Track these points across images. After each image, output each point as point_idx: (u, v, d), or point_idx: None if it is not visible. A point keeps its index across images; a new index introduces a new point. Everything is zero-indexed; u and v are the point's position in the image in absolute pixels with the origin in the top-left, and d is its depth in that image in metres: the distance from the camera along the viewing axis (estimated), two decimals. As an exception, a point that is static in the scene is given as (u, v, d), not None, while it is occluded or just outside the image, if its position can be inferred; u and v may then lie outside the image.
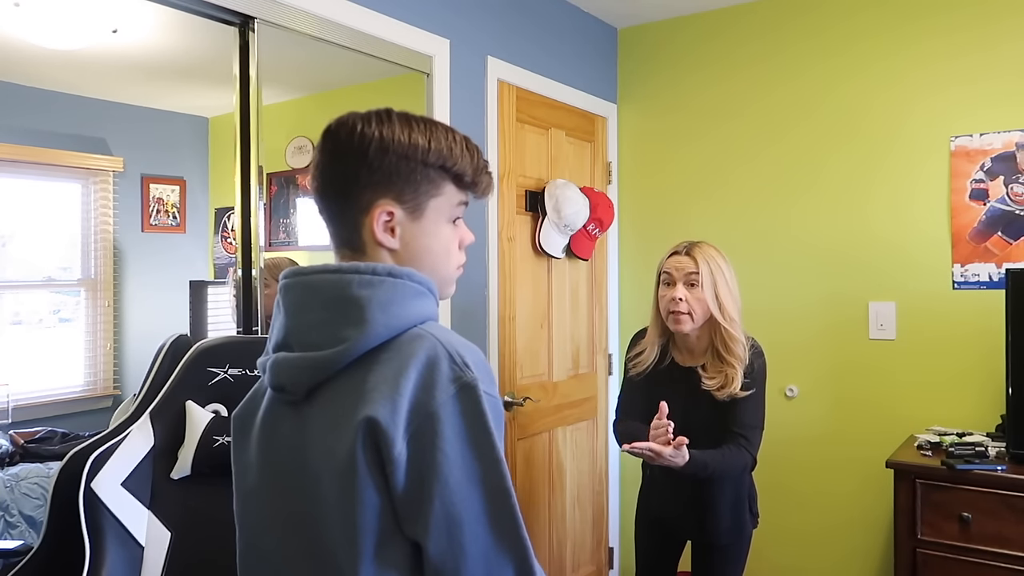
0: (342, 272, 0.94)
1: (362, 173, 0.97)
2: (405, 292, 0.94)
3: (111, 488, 1.70)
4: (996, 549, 2.31)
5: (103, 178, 2.45)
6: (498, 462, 0.88)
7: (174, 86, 2.50)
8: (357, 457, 0.87)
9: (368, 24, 2.34)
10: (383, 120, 0.98)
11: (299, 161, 2.55)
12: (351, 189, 0.97)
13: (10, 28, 2.05)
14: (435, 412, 0.87)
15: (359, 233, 0.99)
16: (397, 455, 0.86)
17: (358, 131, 0.97)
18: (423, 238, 1.00)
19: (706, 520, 2.16)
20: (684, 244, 2.12)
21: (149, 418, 1.81)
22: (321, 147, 1.01)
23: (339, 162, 0.98)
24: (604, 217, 3.21)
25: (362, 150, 0.96)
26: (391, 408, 0.86)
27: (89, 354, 2.43)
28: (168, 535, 1.75)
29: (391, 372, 0.89)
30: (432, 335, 0.92)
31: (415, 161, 0.97)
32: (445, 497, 0.86)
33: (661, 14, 3.41)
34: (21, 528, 2.14)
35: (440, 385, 0.88)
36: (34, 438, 2.33)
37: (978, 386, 2.76)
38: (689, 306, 2.06)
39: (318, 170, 1.01)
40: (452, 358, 0.90)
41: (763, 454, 3.15)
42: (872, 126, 2.98)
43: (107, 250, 2.46)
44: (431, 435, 0.86)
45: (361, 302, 0.92)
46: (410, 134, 0.98)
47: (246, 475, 1.06)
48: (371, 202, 0.97)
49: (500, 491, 0.88)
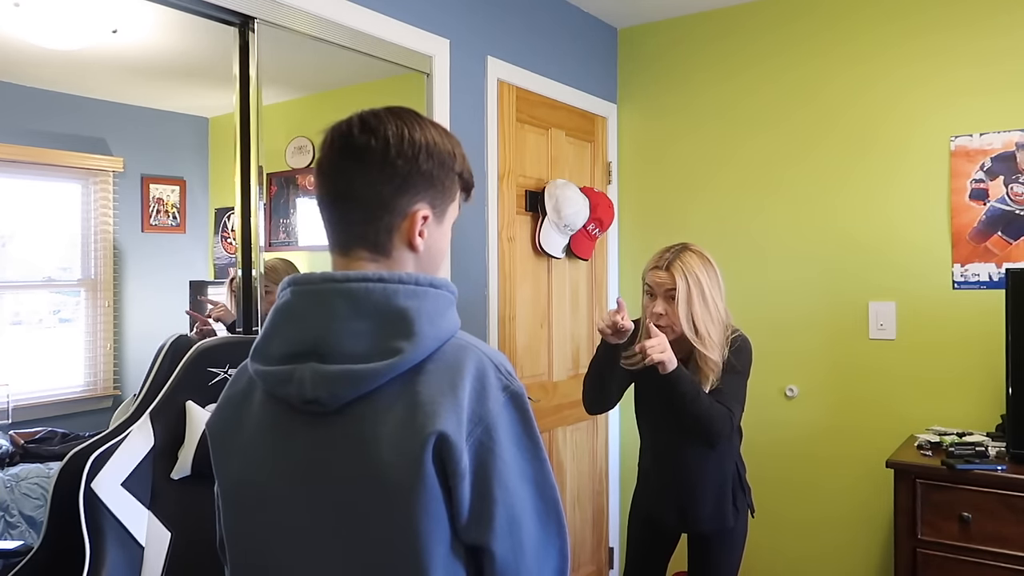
0: (385, 281, 0.92)
1: (410, 178, 0.96)
2: (445, 303, 0.95)
3: (111, 488, 1.70)
4: (996, 549, 2.31)
5: (103, 178, 2.45)
6: (545, 462, 0.95)
7: (174, 86, 2.50)
8: (426, 471, 0.87)
9: (368, 24, 2.34)
10: (421, 123, 0.98)
11: (299, 161, 2.55)
12: (390, 192, 0.95)
13: (10, 28, 2.05)
14: (492, 422, 0.90)
15: (389, 236, 0.97)
16: (463, 468, 0.87)
17: (407, 136, 0.96)
18: (440, 241, 1.02)
19: (688, 506, 2.19)
20: (666, 256, 2.12)
21: (149, 418, 1.81)
22: (344, 148, 0.97)
23: (377, 165, 0.95)
24: (604, 217, 3.21)
25: (412, 155, 0.95)
26: (457, 422, 0.87)
27: (89, 354, 2.43)
28: (168, 535, 1.75)
29: (447, 384, 0.89)
30: (474, 345, 0.95)
31: (448, 167, 0.99)
32: (507, 500, 0.90)
33: (661, 14, 3.41)
34: (21, 528, 2.14)
35: (492, 395, 0.91)
36: (34, 438, 2.33)
37: (978, 386, 2.76)
38: (669, 319, 2.11)
39: (335, 171, 0.98)
40: (497, 368, 0.93)
41: (764, 453, 3.17)
42: (872, 126, 2.98)
43: (107, 250, 2.46)
44: (490, 443, 0.89)
45: (410, 313, 0.91)
46: (444, 139, 0.99)
47: (242, 491, 1.00)
48: (410, 206, 0.97)
49: (548, 487, 0.94)
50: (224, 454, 1.02)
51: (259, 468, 0.98)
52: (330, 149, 0.99)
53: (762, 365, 3.17)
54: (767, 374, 3.16)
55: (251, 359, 0.99)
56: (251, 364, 0.99)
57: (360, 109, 1.01)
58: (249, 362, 0.99)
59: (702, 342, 2.09)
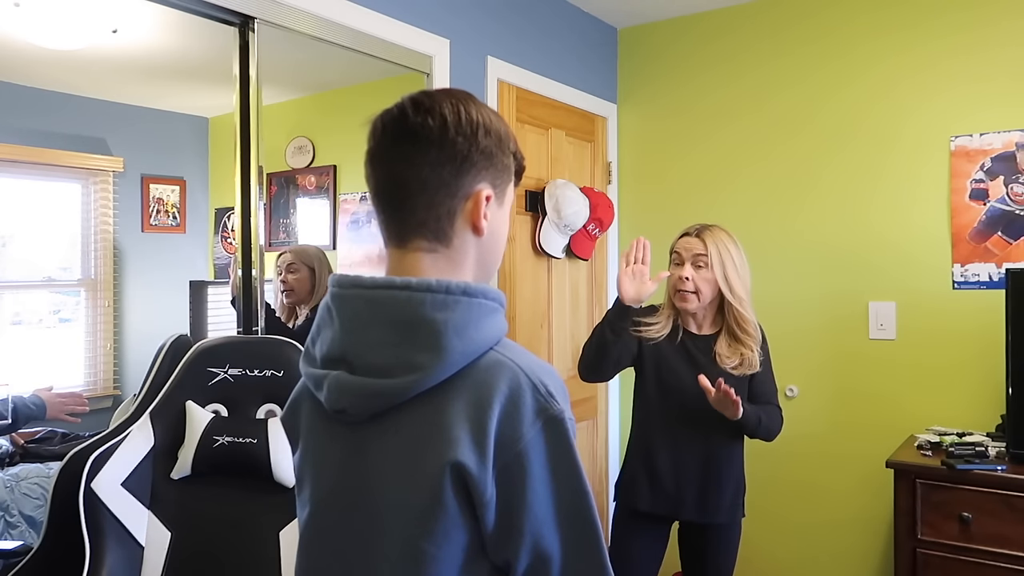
0: (411, 289, 0.86)
1: (471, 156, 0.91)
2: (480, 312, 0.87)
3: (111, 488, 1.70)
4: (996, 549, 2.31)
5: (103, 178, 2.45)
6: (585, 494, 0.86)
7: (174, 86, 2.50)
8: (446, 499, 0.83)
9: (368, 24, 2.33)
10: (474, 102, 0.94)
11: (299, 161, 2.55)
12: (451, 173, 0.90)
13: (10, 28, 2.05)
14: (522, 450, 0.82)
15: (452, 221, 0.92)
16: (488, 497, 0.82)
17: (464, 113, 0.91)
18: (501, 225, 0.98)
19: (709, 494, 2.15)
20: (696, 226, 2.18)
21: (149, 418, 1.81)
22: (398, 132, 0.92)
23: (437, 145, 0.90)
24: (604, 217, 3.21)
25: (471, 131, 0.91)
26: (479, 452, 0.82)
27: (89, 354, 2.43)
28: (168, 535, 1.75)
29: (473, 408, 0.83)
30: (512, 361, 0.86)
31: (505, 145, 0.96)
32: (535, 530, 0.83)
33: (662, 14, 3.41)
34: (21, 528, 2.14)
35: (526, 420, 0.83)
36: (34, 438, 2.33)
37: (978, 386, 2.76)
38: (695, 285, 2.12)
39: (391, 157, 0.92)
40: (535, 387, 0.85)
41: (763, 453, 3.16)
42: (872, 126, 2.98)
43: (107, 250, 2.46)
44: (519, 472, 0.82)
45: (436, 326, 0.84)
46: (497, 119, 0.96)
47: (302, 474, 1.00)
48: (472, 186, 0.92)
49: (586, 522, 0.86)
50: (294, 441, 1.03)
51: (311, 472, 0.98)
52: (382, 136, 0.93)
53: (762, 365, 3.18)
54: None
55: (303, 356, 0.98)
56: (301, 361, 0.98)
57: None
58: (301, 359, 0.99)
59: (740, 301, 2.13)
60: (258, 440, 1.77)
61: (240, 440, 1.77)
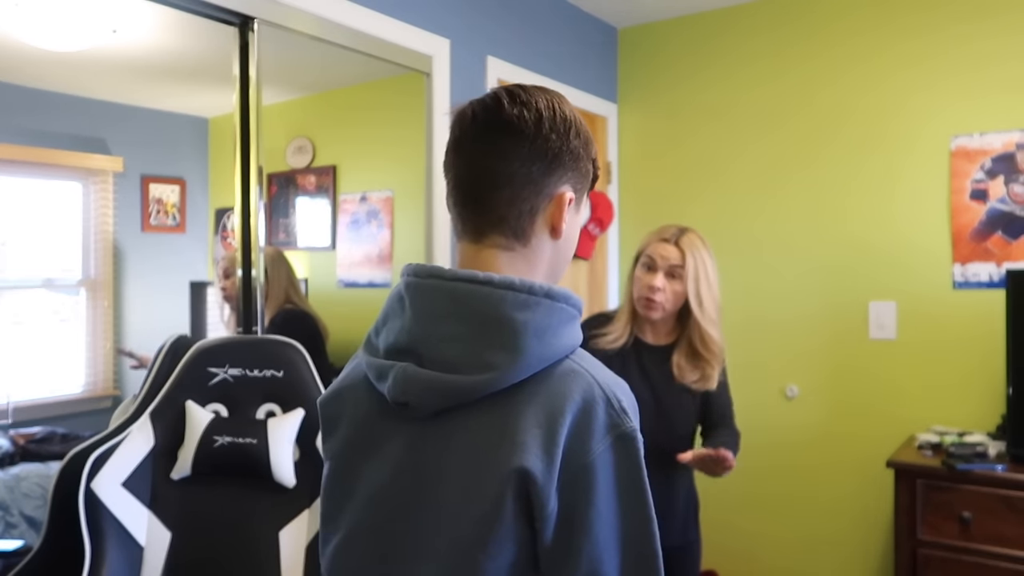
0: (493, 285, 0.83)
1: (562, 155, 0.89)
2: (562, 317, 0.84)
3: (111, 488, 1.70)
4: (996, 549, 2.31)
5: (103, 178, 2.44)
6: (650, 521, 0.82)
7: (174, 86, 2.50)
8: (505, 507, 0.79)
9: (368, 24, 2.33)
10: (567, 102, 0.92)
11: (299, 161, 2.55)
12: (540, 170, 0.88)
13: (10, 28, 2.05)
14: (590, 464, 0.79)
15: (532, 220, 0.89)
16: (550, 510, 0.79)
17: (559, 111, 0.89)
18: (575, 231, 0.96)
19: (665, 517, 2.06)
20: (673, 231, 2.03)
21: (149, 418, 1.81)
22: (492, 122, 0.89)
23: (530, 139, 0.87)
24: (604, 217, 3.21)
25: (565, 130, 0.89)
26: (547, 461, 0.78)
27: (89, 354, 2.43)
28: (168, 535, 1.75)
29: (545, 416, 0.79)
30: (587, 372, 0.83)
31: (590, 150, 0.93)
32: (592, 554, 0.79)
33: (661, 14, 3.41)
34: (21, 528, 2.13)
35: (596, 435, 0.80)
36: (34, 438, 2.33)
37: (978, 386, 2.76)
38: (665, 296, 1.99)
39: (481, 147, 0.89)
40: (610, 401, 0.82)
41: (763, 454, 3.16)
42: (872, 126, 2.98)
43: (107, 250, 2.46)
44: (584, 488, 0.79)
45: (515, 325, 0.81)
46: (583, 122, 0.93)
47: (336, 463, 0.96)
48: (558, 187, 0.90)
49: (647, 556, 0.82)
50: (329, 432, 0.98)
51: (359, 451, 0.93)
52: (472, 124, 0.90)
53: (762, 365, 3.18)
54: (767, 374, 3.16)
55: (363, 345, 0.94)
56: (362, 350, 0.94)
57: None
58: (361, 348, 0.95)
59: (707, 319, 1.99)
60: (258, 440, 1.77)
61: (240, 440, 1.77)
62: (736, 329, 3.17)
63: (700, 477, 2.17)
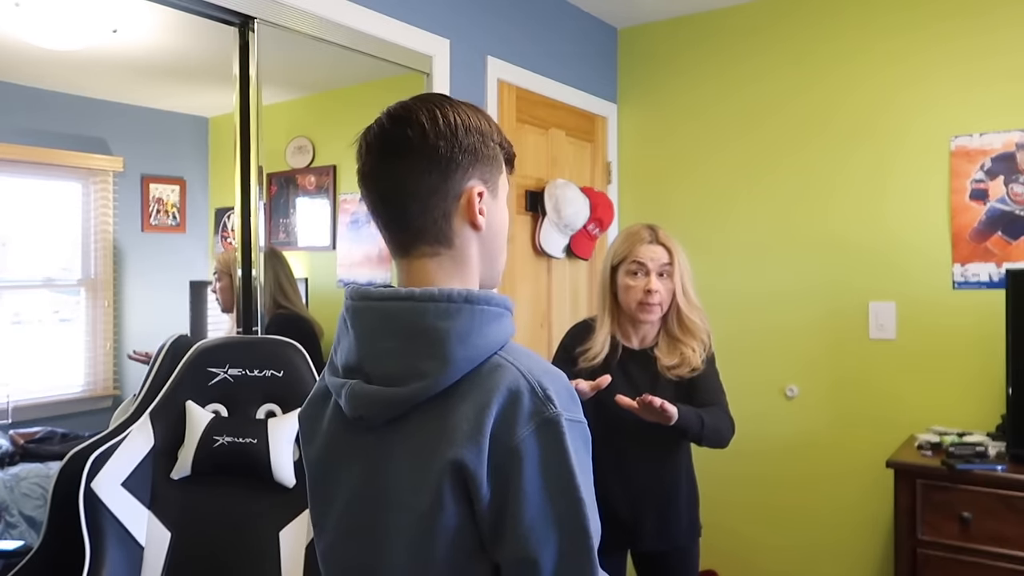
0: (415, 300, 0.89)
1: (455, 157, 0.93)
2: (484, 319, 0.90)
3: (111, 488, 1.70)
4: (996, 549, 2.31)
5: (103, 178, 2.45)
6: (578, 501, 0.85)
7: (174, 86, 2.50)
8: (445, 497, 0.85)
9: (368, 24, 2.33)
10: (450, 103, 0.96)
11: (299, 161, 2.55)
12: (439, 178, 0.93)
13: (10, 28, 2.05)
14: (515, 449, 0.84)
15: (449, 222, 0.94)
16: (483, 495, 0.85)
17: (440, 117, 0.93)
18: (499, 215, 1.00)
19: (669, 519, 2.04)
20: (647, 232, 2.06)
21: (149, 418, 1.81)
22: (381, 148, 0.94)
23: (419, 153, 0.92)
24: (604, 217, 3.21)
25: (451, 133, 0.93)
26: (476, 449, 0.84)
27: (89, 354, 2.43)
28: (168, 535, 1.75)
29: (474, 410, 0.85)
30: (513, 365, 0.88)
31: (488, 138, 0.97)
32: (524, 536, 0.84)
33: (661, 14, 3.41)
34: (21, 528, 2.13)
35: (520, 421, 0.85)
36: (34, 438, 2.33)
37: (978, 386, 2.76)
38: (661, 296, 2.02)
39: (379, 173, 0.95)
40: (534, 390, 0.86)
41: (763, 453, 3.16)
42: (872, 126, 2.98)
43: (107, 250, 2.46)
44: (511, 473, 0.84)
45: (439, 334, 0.87)
46: (477, 114, 0.97)
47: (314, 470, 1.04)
48: (463, 184, 0.94)
49: (578, 531, 0.85)
50: (308, 441, 1.05)
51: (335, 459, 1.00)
52: (368, 154, 0.96)
53: (762, 365, 3.18)
54: (767, 374, 3.16)
55: (328, 363, 1.02)
56: (326, 369, 1.02)
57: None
58: (326, 366, 1.02)
59: (694, 309, 2.04)
60: (258, 440, 1.77)
61: (240, 440, 1.77)
62: (737, 329, 3.18)
63: (700, 477, 2.17)
